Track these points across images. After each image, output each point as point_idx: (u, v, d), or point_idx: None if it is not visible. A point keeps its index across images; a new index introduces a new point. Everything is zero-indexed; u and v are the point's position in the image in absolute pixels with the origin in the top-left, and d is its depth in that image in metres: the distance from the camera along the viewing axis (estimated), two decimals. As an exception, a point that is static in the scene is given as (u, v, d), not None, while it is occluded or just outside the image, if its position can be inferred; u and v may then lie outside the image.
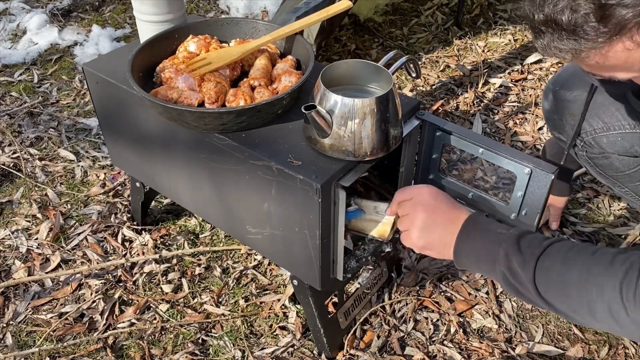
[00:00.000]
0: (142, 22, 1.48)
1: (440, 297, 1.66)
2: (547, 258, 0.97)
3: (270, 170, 1.19)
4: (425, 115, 1.31)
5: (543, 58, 2.70)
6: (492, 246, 1.03)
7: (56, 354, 1.54)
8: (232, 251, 1.82)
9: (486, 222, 1.08)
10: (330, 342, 1.49)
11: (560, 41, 0.85)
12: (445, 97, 2.48)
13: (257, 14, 3.15)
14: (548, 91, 1.50)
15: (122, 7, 3.28)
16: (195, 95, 1.29)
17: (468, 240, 1.07)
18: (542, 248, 0.98)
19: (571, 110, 1.42)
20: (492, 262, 1.03)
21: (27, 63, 2.80)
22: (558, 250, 0.97)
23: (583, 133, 1.41)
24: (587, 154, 1.43)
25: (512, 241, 1.02)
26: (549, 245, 0.98)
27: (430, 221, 1.10)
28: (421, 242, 1.12)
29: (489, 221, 1.09)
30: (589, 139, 1.40)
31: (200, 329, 1.60)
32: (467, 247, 1.07)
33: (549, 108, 1.50)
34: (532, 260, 0.98)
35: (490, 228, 1.07)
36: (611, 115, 1.36)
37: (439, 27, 2.99)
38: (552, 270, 0.96)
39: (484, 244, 1.05)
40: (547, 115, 1.52)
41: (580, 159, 1.47)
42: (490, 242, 1.04)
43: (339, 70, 1.21)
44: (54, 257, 1.79)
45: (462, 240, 1.07)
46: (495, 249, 1.03)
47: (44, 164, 2.16)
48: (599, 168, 1.43)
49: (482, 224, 1.08)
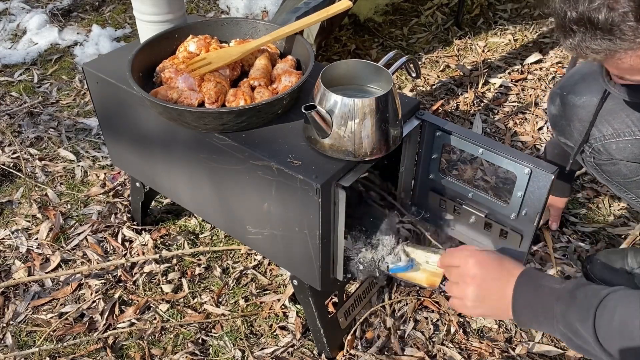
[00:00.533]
0: (142, 22, 1.48)
1: (440, 297, 1.66)
2: (606, 309, 0.91)
3: (270, 170, 1.19)
4: (425, 115, 1.31)
5: (543, 58, 2.70)
6: (548, 304, 0.98)
7: (56, 354, 1.54)
8: (232, 251, 1.82)
9: (538, 278, 1.03)
10: (330, 342, 1.49)
11: (594, 41, 0.81)
12: (445, 97, 2.48)
13: (257, 14, 3.14)
14: (555, 96, 1.48)
15: (122, 7, 3.28)
16: (195, 95, 1.29)
17: (523, 301, 1.02)
18: (599, 298, 0.92)
19: (580, 116, 1.40)
20: (551, 321, 0.98)
21: (27, 63, 2.80)
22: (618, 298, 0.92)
23: (591, 139, 1.39)
24: (594, 160, 1.41)
25: (567, 296, 0.97)
26: (606, 295, 0.93)
27: (482, 292, 1.06)
28: (478, 312, 1.08)
29: (541, 276, 1.04)
30: (598, 145, 1.38)
31: (200, 329, 1.60)
32: (525, 309, 1.02)
33: (556, 113, 1.48)
34: (591, 313, 0.92)
35: (543, 283, 1.01)
36: (621, 122, 1.34)
37: (439, 27, 2.99)
38: (613, 320, 0.90)
39: (539, 302, 1.00)
40: (554, 121, 1.50)
41: (587, 164, 1.46)
42: (546, 300, 0.99)
43: (339, 70, 1.21)
44: (54, 257, 1.79)
45: (517, 302, 1.02)
46: (551, 307, 0.98)
47: (44, 164, 2.16)
48: (606, 174, 1.42)
49: (534, 280, 1.03)
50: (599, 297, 0.93)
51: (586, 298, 0.94)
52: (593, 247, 1.80)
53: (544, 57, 2.71)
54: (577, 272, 1.73)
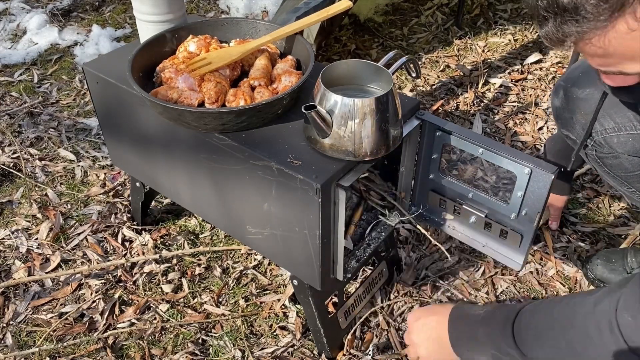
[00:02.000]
0: (142, 22, 1.48)
1: (440, 297, 1.66)
2: (522, 322, 1.01)
3: (270, 170, 1.19)
4: (425, 115, 1.31)
5: (543, 58, 2.70)
6: (474, 331, 1.08)
7: (56, 354, 1.54)
8: (232, 251, 1.82)
9: (465, 309, 1.15)
10: (330, 342, 1.49)
11: (563, 24, 0.83)
12: (445, 97, 2.48)
13: (257, 14, 3.15)
14: (559, 88, 1.48)
15: (122, 7, 3.28)
16: (195, 95, 1.29)
17: (456, 335, 1.13)
18: (514, 314, 1.02)
19: (582, 108, 1.41)
20: (481, 346, 1.07)
21: (27, 63, 2.80)
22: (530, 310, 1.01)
23: (594, 132, 1.39)
24: (596, 153, 1.42)
25: (488, 319, 1.07)
26: (520, 309, 1.03)
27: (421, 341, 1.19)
28: None
29: (467, 307, 1.16)
30: (600, 139, 1.38)
31: (200, 329, 1.60)
32: (459, 342, 1.13)
33: (560, 105, 1.48)
34: (509, 329, 1.01)
35: (469, 313, 1.12)
36: (623, 116, 1.34)
37: (439, 27, 2.99)
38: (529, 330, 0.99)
39: (467, 331, 1.10)
40: (557, 113, 1.50)
41: (589, 158, 1.46)
42: (472, 327, 1.09)
43: (339, 70, 1.21)
44: (54, 257, 1.79)
45: (452, 337, 1.14)
46: (477, 332, 1.08)
47: (44, 164, 2.16)
48: (607, 168, 1.42)
49: (462, 312, 1.14)
50: (514, 312, 1.02)
51: (503, 315, 1.04)
52: (593, 247, 1.80)
53: (544, 57, 2.71)
54: (577, 272, 1.73)
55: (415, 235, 1.85)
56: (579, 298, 0.97)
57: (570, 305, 0.97)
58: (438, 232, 1.85)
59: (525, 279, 1.72)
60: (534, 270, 1.74)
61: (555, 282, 1.71)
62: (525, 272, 1.74)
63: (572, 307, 0.96)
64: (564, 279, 1.72)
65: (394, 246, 1.69)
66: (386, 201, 1.45)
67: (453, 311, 1.15)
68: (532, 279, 1.72)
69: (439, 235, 1.84)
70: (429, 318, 1.19)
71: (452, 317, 1.15)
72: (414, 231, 1.86)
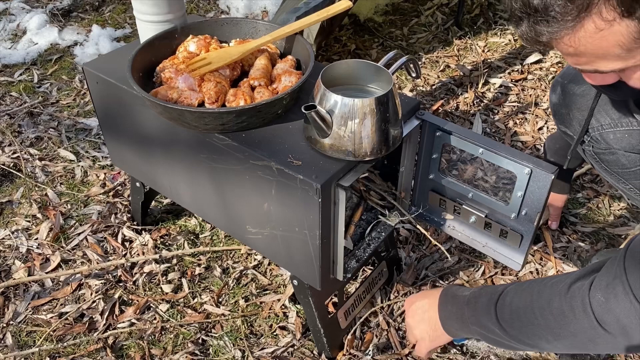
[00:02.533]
0: (142, 22, 1.48)
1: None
2: (504, 301, 1.06)
3: (270, 170, 1.19)
4: (425, 115, 1.31)
5: (543, 58, 2.70)
6: (460, 310, 1.15)
7: (56, 354, 1.54)
8: (232, 251, 1.82)
9: (454, 290, 1.21)
10: (330, 342, 1.49)
11: (536, 25, 0.85)
12: (445, 97, 2.48)
13: (257, 14, 3.15)
14: (557, 84, 1.49)
15: (122, 7, 3.28)
16: (195, 95, 1.29)
17: (444, 315, 1.20)
18: (498, 294, 1.08)
19: (579, 104, 1.42)
20: (466, 324, 1.14)
21: (27, 63, 2.80)
22: (512, 289, 1.07)
23: (590, 128, 1.40)
24: (593, 149, 1.42)
25: (472, 299, 1.13)
26: (503, 289, 1.08)
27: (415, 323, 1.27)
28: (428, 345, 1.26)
29: (455, 288, 1.21)
30: (596, 135, 1.39)
31: (200, 329, 1.60)
32: (448, 321, 1.19)
33: (557, 101, 1.49)
34: (492, 307, 1.07)
35: (457, 294, 1.19)
36: (619, 112, 1.35)
37: (439, 27, 2.99)
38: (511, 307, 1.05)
39: (454, 311, 1.17)
40: (555, 109, 1.51)
41: (586, 154, 1.46)
42: (458, 307, 1.16)
43: (339, 70, 1.21)
44: (54, 257, 1.79)
45: (441, 317, 1.20)
46: (463, 311, 1.14)
47: (44, 164, 2.16)
48: (604, 164, 1.43)
49: (450, 294, 1.20)
50: (497, 292, 1.09)
51: (487, 296, 1.10)
52: (593, 247, 1.80)
53: (544, 57, 2.71)
54: (577, 272, 1.73)
55: (415, 235, 1.85)
56: (556, 279, 1.02)
57: (548, 286, 1.01)
58: (438, 232, 1.85)
59: (525, 279, 1.72)
60: (534, 270, 1.74)
61: (555, 282, 1.70)
62: (525, 272, 1.74)
63: (550, 287, 1.00)
64: (564, 279, 1.71)
65: (394, 246, 1.69)
66: (386, 201, 1.45)
67: (442, 293, 1.22)
68: (532, 279, 1.71)
69: (439, 235, 1.84)
70: (421, 301, 1.27)
71: (441, 299, 1.21)
72: (414, 231, 1.86)
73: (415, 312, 1.27)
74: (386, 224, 1.45)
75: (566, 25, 0.82)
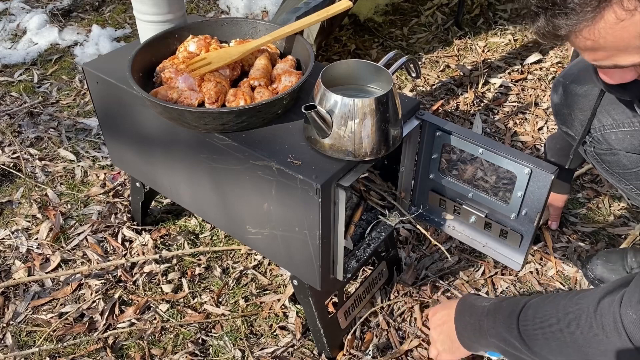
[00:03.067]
0: (142, 22, 1.48)
1: (440, 297, 1.66)
2: (527, 314, 1.03)
3: (270, 170, 1.19)
4: (425, 115, 1.31)
5: (543, 58, 2.70)
6: (479, 322, 1.11)
7: (56, 354, 1.54)
8: (232, 251, 1.82)
9: (472, 300, 1.17)
10: (330, 342, 1.49)
11: (553, 18, 0.84)
12: (445, 97, 2.48)
13: (257, 14, 3.15)
14: (558, 84, 1.48)
15: (122, 7, 3.28)
16: (195, 95, 1.29)
17: (461, 326, 1.16)
18: (520, 306, 1.04)
19: (581, 105, 1.41)
20: (485, 337, 1.10)
21: (27, 63, 2.80)
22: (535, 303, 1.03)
23: (592, 129, 1.40)
24: (594, 150, 1.42)
25: (493, 311, 1.09)
26: (525, 302, 1.05)
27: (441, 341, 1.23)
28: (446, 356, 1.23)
29: (473, 298, 1.17)
30: (598, 135, 1.39)
31: (200, 329, 1.60)
32: (464, 332, 1.15)
33: (559, 102, 1.48)
34: (514, 321, 1.04)
35: (475, 304, 1.14)
36: (621, 112, 1.35)
37: (439, 27, 2.99)
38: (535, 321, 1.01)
39: (472, 322, 1.13)
40: (557, 109, 1.50)
41: (588, 154, 1.46)
42: (477, 318, 1.11)
43: (339, 70, 1.21)
44: (54, 257, 1.79)
45: (458, 328, 1.16)
46: (481, 323, 1.10)
47: (44, 164, 2.16)
48: (605, 164, 1.42)
49: (468, 304, 1.16)
50: (519, 305, 1.04)
51: (509, 308, 1.06)
52: (593, 247, 1.80)
53: (544, 57, 2.71)
54: (577, 272, 1.73)
55: (415, 235, 1.85)
56: (583, 294, 0.98)
57: (574, 301, 0.98)
58: (438, 232, 1.85)
59: (525, 279, 1.72)
60: (534, 270, 1.74)
61: (555, 282, 1.71)
62: (525, 272, 1.74)
63: (576, 302, 0.97)
64: (564, 279, 1.72)
65: (394, 246, 1.69)
66: (386, 201, 1.45)
67: (459, 302, 1.18)
68: (532, 279, 1.72)
69: (439, 235, 1.84)
70: (441, 312, 1.23)
71: (458, 309, 1.17)
72: (414, 231, 1.86)
73: (436, 324, 1.24)
74: (386, 224, 1.45)
75: (585, 16, 0.81)
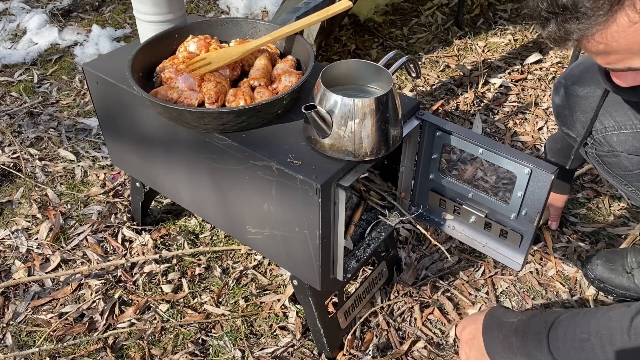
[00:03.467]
0: (142, 22, 1.48)
1: (440, 297, 1.66)
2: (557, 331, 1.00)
3: (270, 170, 1.19)
4: (425, 115, 1.31)
5: (543, 58, 2.70)
6: (508, 339, 1.07)
7: (56, 354, 1.54)
8: (232, 251, 1.82)
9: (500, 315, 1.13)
10: (330, 342, 1.49)
11: (565, 23, 0.83)
12: (445, 97, 2.48)
13: (257, 14, 3.15)
14: (559, 86, 1.48)
15: (122, 7, 3.28)
16: (195, 95, 1.29)
17: (489, 341, 1.12)
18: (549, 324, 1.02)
19: (583, 106, 1.40)
20: (513, 355, 1.06)
21: (27, 63, 2.80)
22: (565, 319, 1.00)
23: (594, 130, 1.39)
24: (596, 152, 1.42)
25: (521, 328, 1.06)
26: (555, 319, 1.02)
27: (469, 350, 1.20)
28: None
29: (501, 312, 1.13)
30: (599, 137, 1.38)
31: (200, 329, 1.60)
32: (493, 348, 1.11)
33: (560, 103, 1.47)
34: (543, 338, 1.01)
35: (503, 320, 1.11)
36: (623, 114, 1.34)
37: (439, 27, 2.99)
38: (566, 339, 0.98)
39: (501, 339, 1.09)
40: (558, 111, 1.50)
41: (589, 156, 1.46)
42: (505, 335, 1.08)
43: (339, 70, 1.21)
44: (54, 257, 1.79)
45: (486, 344, 1.12)
46: (510, 340, 1.06)
47: (44, 164, 2.16)
48: (607, 166, 1.42)
49: (496, 319, 1.12)
50: (548, 323, 1.02)
51: (537, 326, 1.04)
52: (593, 247, 1.80)
53: (544, 57, 2.71)
54: (577, 272, 1.73)
55: (415, 235, 1.85)
56: (613, 313, 0.96)
57: (605, 318, 0.96)
58: (438, 232, 1.85)
59: (525, 279, 1.72)
60: (534, 270, 1.74)
61: (555, 282, 1.71)
62: (525, 272, 1.74)
63: (608, 320, 0.95)
64: (564, 279, 1.72)
65: (394, 246, 1.69)
66: (386, 201, 1.45)
67: (486, 318, 1.15)
68: (532, 279, 1.72)
69: (439, 235, 1.84)
70: (470, 327, 1.20)
71: (485, 325, 1.14)
72: (414, 231, 1.86)
73: (467, 338, 1.21)
74: (386, 224, 1.45)
75: (597, 20, 0.80)
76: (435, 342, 1.55)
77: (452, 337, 1.55)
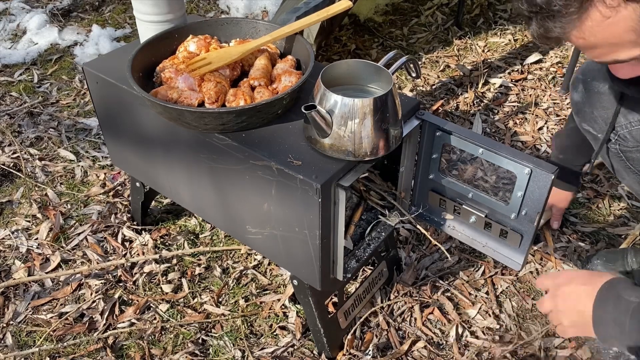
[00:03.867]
0: (142, 22, 1.48)
1: (440, 297, 1.66)
2: None
3: (270, 170, 1.19)
4: (425, 115, 1.31)
5: (543, 58, 2.70)
6: (621, 319, 0.96)
7: (56, 354, 1.54)
8: (232, 251, 1.82)
9: (621, 288, 0.99)
10: (330, 342, 1.49)
11: (544, 22, 0.85)
12: (445, 97, 2.48)
13: (257, 14, 3.15)
14: (578, 82, 1.45)
15: (122, 7, 3.28)
16: (195, 95, 1.29)
17: (600, 314, 0.99)
18: None
19: (604, 102, 1.37)
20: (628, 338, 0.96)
21: (27, 63, 2.80)
22: None
23: (617, 126, 1.36)
24: (619, 147, 1.38)
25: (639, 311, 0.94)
26: None
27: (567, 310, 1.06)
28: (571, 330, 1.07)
29: (623, 285, 1.00)
30: (625, 132, 1.35)
31: (200, 329, 1.60)
32: (601, 322, 1.00)
33: (580, 100, 1.44)
34: None
35: (622, 295, 0.98)
36: None
37: (439, 27, 2.99)
38: None
39: (613, 316, 0.97)
40: (578, 108, 1.46)
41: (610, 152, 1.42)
42: (620, 314, 0.96)
43: (339, 70, 1.21)
44: (54, 257, 1.79)
45: (595, 315, 1.00)
46: (624, 322, 0.95)
47: (44, 164, 2.16)
48: (630, 162, 1.39)
49: (612, 291, 1.00)
50: None
51: None
52: (593, 247, 1.80)
53: (544, 57, 2.71)
54: (577, 272, 1.73)
55: (415, 235, 1.85)
56: None
57: None
58: (438, 232, 1.85)
59: (525, 279, 1.72)
60: (534, 270, 1.74)
61: (555, 282, 1.70)
62: (525, 272, 1.74)
63: None
64: (564, 279, 1.71)
65: (394, 246, 1.69)
66: (386, 201, 1.45)
67: (605, 286, 1.01)
68: (532, 279, 1.72)
69: (439, 235, 1.84)
70: (579, 287, 1.05)
71: (601, 294, 1.01)
72: (414, 231, 1.86)
73: (569, 296, 1.05)
74: (386, 224, 1.45)
75: (571, 17, 0.82)
76: (435, 342, 1.55)
77: (452, 337, 1.55)
